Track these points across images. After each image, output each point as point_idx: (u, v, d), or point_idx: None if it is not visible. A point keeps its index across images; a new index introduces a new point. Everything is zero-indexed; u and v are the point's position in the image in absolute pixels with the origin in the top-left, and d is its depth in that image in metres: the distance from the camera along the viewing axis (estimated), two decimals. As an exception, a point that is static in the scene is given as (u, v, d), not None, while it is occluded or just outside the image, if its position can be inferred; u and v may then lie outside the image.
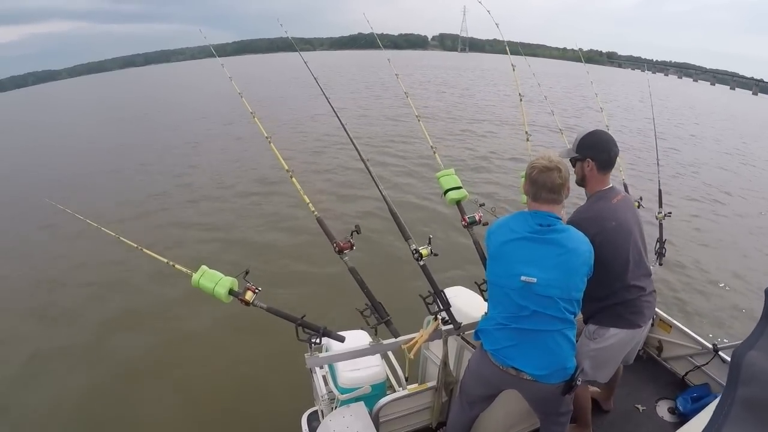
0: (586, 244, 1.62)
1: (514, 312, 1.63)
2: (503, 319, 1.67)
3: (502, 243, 1.68)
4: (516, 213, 1.72)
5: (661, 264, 2.70)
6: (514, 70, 2.84)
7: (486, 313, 1.79)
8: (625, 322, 1.89)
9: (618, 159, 1.91)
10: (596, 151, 1.86)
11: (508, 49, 3.03)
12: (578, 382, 1.68)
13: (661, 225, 2.79)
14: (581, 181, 1.94)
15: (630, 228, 1.85)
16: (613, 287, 1.85)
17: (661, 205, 2.89)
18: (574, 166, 1.93)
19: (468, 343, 2.07)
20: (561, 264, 1.57)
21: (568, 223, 1.84)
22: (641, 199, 2.51)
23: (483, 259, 2.17)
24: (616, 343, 1.91)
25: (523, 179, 2.23)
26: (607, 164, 1.87)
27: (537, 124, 12.77)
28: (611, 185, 1.91)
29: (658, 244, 2.73)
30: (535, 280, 1.57)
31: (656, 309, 2.58)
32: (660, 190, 2.98)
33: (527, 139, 2.66)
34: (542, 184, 1.59)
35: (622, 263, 1.83)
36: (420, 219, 7.10)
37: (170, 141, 14.00)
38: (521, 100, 2.62)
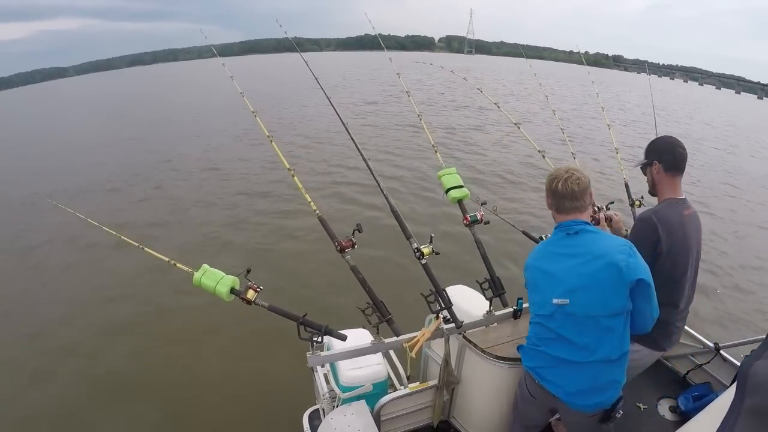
0: (620, 251, 1.47)
1: (549, 336, 1.60)
2: (538, 341, 1.65)
3: (533, 267, 1.65)
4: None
5: None
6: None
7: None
8: (651, 343, 1.85)
9: (620, 159, 1.90)
10: (659, 152, 1.83)
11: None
12: (619, 413, 1.59)
13: None
14: (652, 188, 1.91)
15: (691, 246, 1.78)
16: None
17: None
18: (645, 174, 1.91)
19: (469, 342, 2.06)
20: (590, 274, 1.48)
21: (638, 218, 1.82)
22: (642, 198, 2.49)
23: (484, 258, 2.17)
24: (634, 358, 1.77)
25: None
26: (672, 165, 1.81)
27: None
28: (684, 197, 1.84)
29: None
30: (567, 301, 1.51)
31: None
32: None
33: None
34: (563, 194, 1.57)
35: (676, 279, 1.78)
36: (421, 216, 7.12)
37: (171, 139, 14.08)
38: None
